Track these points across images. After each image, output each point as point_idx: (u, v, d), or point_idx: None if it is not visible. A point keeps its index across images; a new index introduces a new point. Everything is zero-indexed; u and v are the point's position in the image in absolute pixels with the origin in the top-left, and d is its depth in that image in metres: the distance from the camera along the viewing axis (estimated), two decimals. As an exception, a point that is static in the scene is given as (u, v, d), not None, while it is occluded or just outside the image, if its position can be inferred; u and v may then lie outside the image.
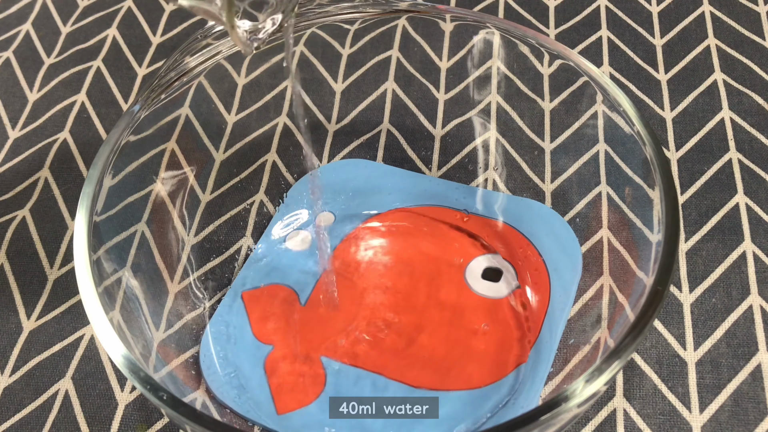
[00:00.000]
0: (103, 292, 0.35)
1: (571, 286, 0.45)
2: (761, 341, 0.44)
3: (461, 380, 0.43)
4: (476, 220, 0.50)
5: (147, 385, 0.32)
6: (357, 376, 0.43)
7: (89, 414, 0.43)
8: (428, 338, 0.44)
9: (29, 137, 0.57)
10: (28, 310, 0.48)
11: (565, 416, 0.31)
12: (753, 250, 0.47)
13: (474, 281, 0.47)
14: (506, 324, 0.45)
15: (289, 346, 0.44)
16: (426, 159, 0.53)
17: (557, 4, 0.62)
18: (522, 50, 0.47)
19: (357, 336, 0.44)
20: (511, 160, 0.50)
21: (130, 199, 0.42)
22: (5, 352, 0.46)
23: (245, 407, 0.42)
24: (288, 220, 0.51)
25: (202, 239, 0.48)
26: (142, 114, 0.41)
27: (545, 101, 0.51)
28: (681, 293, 0.46)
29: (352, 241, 0.49)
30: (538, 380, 0.42)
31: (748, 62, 0.57)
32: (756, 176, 0.50)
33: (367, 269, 0.47)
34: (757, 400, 0.42)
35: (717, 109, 0.54)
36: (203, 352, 0.44)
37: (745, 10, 0.60)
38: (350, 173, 0.52)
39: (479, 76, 0.52)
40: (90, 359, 0.46)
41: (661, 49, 0.58)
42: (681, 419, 0.41)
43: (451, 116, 0.54)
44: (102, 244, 0.38)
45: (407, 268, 0.47)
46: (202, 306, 0.46)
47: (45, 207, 0.53)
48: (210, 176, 0.50)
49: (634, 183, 0.41)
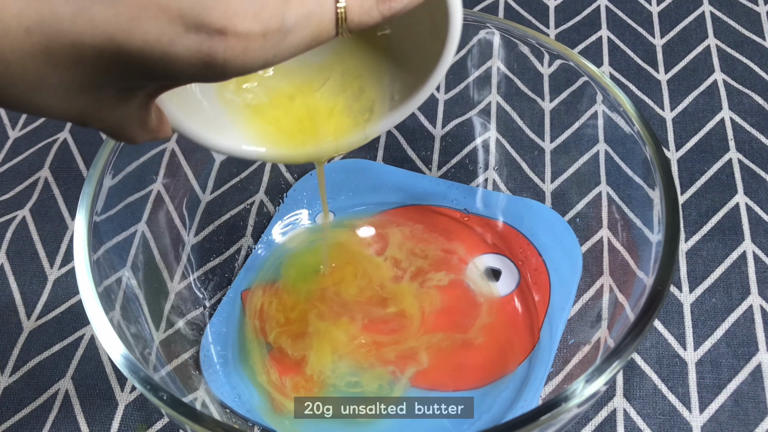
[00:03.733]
0: (103, 292, 0.35)
1: (571, 286, 0.45)
2: (761, 341, 0.44)
3: (461, 380, 0.43)
4: (476, 219, 0.50)
5: (147, 385, 0.32)
6: (357, 376, 0.43)
7: (89, 414, 0.43)
8: (428, 338, 0.44)
9: (29, 137, 0.57)
10: (28, 310, 0.48)
11: (565, 416, 0.31)
12: (753, 250, 0.47)
13: (474, 281, 0.47)
14: (506, 324, 0.45)
15: (289, 345, 0.44)
16: (426, 159, 0.53)
17: (557, 4, 0.62)
18: (522, 50, 0.47)
19: (357, 336, 0.44)
20: (511, 160, 0.50)
21: (130, 199, 0.42)
22: (5, 352, 0.46)
23: (245, 407, 0.42)
24: (288, 220, 0.51)
25: (202, 239, 0.48)
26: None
27: (545, 101, 0.51)
28: (681, 293, 0.46)
29: (352, 241, 0.49)
30: (538, 380, 0.42)
31: (748, 62, 0.57)
32: (756, 176, 0.50)
33: (367, 269, 0.47)
34: (757, 400, 0.42)
35: (717, 109, 0.54)
36: (203, 352, 0.44)
37: (745, 10, 0.60)
38: (350, 173, 0.52)
39: (479, 76, 0.52)
40: (90, 359, 0.46)
41: (661, 49, 0.58)
42: (681, 419, 0.41)
43: (451, 116, 0.54)
44: (102, 244, 0.38)
45: (407, 268, 0.47)
46: (202, 306, 0.46)
47: (45, 207, 0.53)
48: (210, 176, 0.49)
49: (634, 183, 0.40)
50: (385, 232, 0.49)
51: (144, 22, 0.22)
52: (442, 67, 0.32)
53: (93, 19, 0.22)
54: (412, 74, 0.33)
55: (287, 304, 0.46)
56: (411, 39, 0.33)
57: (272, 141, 0.35)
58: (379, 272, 0.47)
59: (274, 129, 0.35)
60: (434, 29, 0.31)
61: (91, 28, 0.22)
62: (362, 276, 0.47)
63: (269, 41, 0.24)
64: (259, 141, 0.34)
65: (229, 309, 0.46)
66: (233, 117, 0.34)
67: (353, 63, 0.35)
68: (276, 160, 0.35)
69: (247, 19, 0.23)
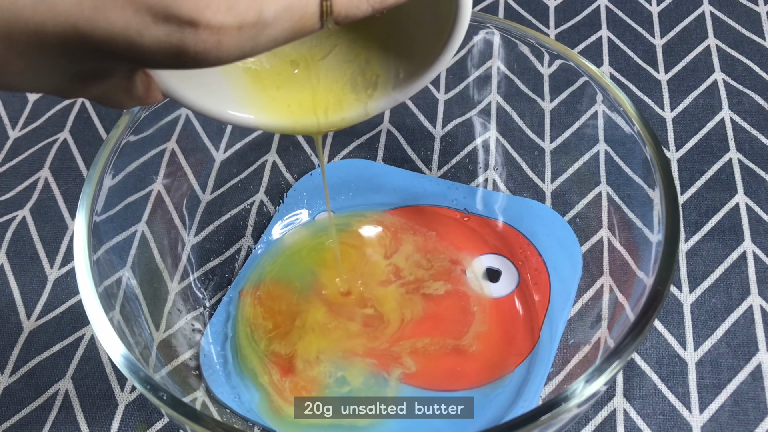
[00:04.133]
0: (103, 292, 0.35)
1: (571, 286, 0.45)
2: (761, 341, 0.44)
3: (461, 380, 0.43)
4: (476, 219, 0.50)
5: (147, 385, 0.32)
6: (360, 377, 0.43)
7: (89, 414, 0.43)
8: (428, 338, 0.44)
9: (29, 137, 0.57)
10: (28, 310, 0.48)
11: (565, 416, 0.31)
12: (753, 250, 0.47)
13: (474, 281, 0.47)
14: (506, 324, 0.45)
15: (289, 345, 0.44)
16: (426, 159, 0.53)
17: (557, 4, 0.62)
18: (522, 50, 0.47)
19: (357, 336, 0.44)
20: (511, 160, 0.50)
21: (130, 199, 0.42)
22: (5, 352, 0.46)
23: (245, 407, 0.42)
24: (288, 220, 0.51)
25: (202, 239, 0.48)
26: (142, 114, 0.41)
27: (545, 101, 0.51)
28: (681, 293, 0.46)
29: (352, 241, 0.49)
30: (538, 380, 0.42)
31: (748, 62, 0.57)
32: (756, 176, 0.50)
33: (367, 269, 0.47)
34: (757, 400, 0.42)
35: (717, 109, 0.54)
36: (203, 352, 0.44)
37: (745, 10, 0.60)
38: (350, 173, 0.52)
39: (479, 76, 0.52)
40: (90, 359, 0.46)
41: (661, 49, 0.58)
42: (681, 419, 0.41)
43: (451, 116, 0.54)
44: (102, 244, 0.38)
45: (407, 268, 0.47)
46: (202, 306, 0.46)
47: (45, 207, 0.53)
48: (210, 176, 0.49)
49: (634, 183, 0.40)
50: (399, 238, 0.49)
51: (109, 11, 0.21)
52: (451, 48, 0.30)
53: (55, 8, 0.21)
54: (420, 53, 0.32)
55: (274, 308, 0.46)
56: (420, 18, 0.32)
57: (267, 108, 0.33)
58: (372, 274, 0.47)
59: (271, 96, 0.33)
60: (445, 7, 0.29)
61: (54, 16, 0.21)
62: (352, 274, 0.47)
63: (245, 34, 0.23)
64: (253, 107, 0.33)
65: (229, 309, 0.46)
66: (230, 81, 0.33)
67: (362, 33, 0.33)
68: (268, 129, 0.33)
69: (219, 11, 0.22)
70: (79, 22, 0.21)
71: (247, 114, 0.33)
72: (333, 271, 0.47)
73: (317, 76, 0.34)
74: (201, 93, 0.31)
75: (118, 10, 0.21)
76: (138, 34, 0.22)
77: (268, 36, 0.23)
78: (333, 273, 0.47)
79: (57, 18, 0.21)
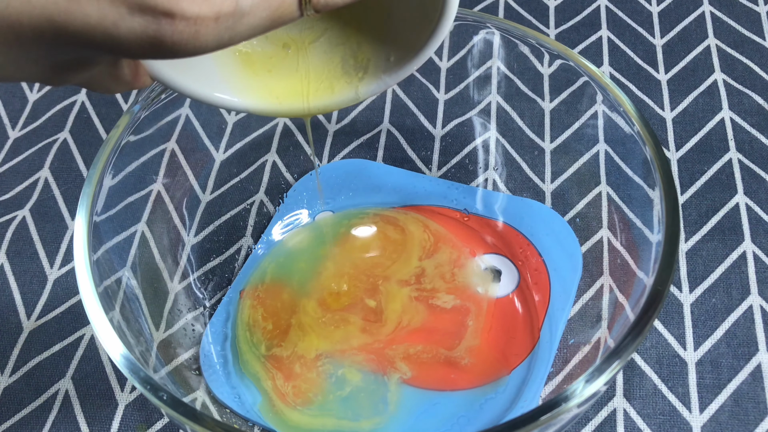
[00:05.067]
0: (103, 292, 0.35)
1: (571, 286, 0.45)
2: (761, 341, 0.44)
3: (461, 380, 0.43)
4: (476, 219, 0.50)
5: (147, 385, 0.32)
6: (358, 375, 0.43)
7: (89, 414, 0.43)
8: (428, 338, 0.44)
9: (29, 137, 0.57)
10: (28, 310, 0.48)
11: (565, 416, 0.31)
12: (753, 250, 0.47)
13: (475, 281, 0.46)
14: (506, 324, 0.45)
15: (289, 347, 0.44)
16: (426, 159, 0.53)
17: (557, 4, 0.62)
18: (522, 50, 0.47)
19: (355, 330, 0.44)
20: (511, 160, 0.50)
21: (130, 199, 0.42)
22: (5, 352, 0.46)
23: (245, 407, 0.42)
24: (288, 220, 0.51)
25: (202, 239, 0.48)
26: (142, 114, 0.41)
27: (545, 101, 0.51)
28: (681, 293, 0.46)
29: (352, 241, 0.49)
30: (538, 380, 0.42)
31: (748, 62, 0.57)
32: (756, 176, 0.50)
33: (367, 269, 0.47)
34: (757, 400, 0.42)
35: (717, 109, 0.54)
36: (203, 352, 0.44)
37: (745, 10, 0.60)
38: (350, 173, 0.52)
39: (479, 76, 0.52)
40: (90, 359, 0.46)
41: (661, 49, 0.58)
42: (681, 419, 0.41)
43: (451, 116, 0.54)
44: (102, 244, 0.38)
45: (430, 276, 0.47)
46: (202, 306, 0.46)
47: (45, 207, 0.53)
48: (210, 176, 0.49)
49: (634, 183, 0.41)
50: (385, 232, 0.49)
51: (84, 3, 0.21)
52: (439, 35, 0.30)
53: (29, 1, 0.21)
54: (410, 38, 0.32)
55: (274, 308, 0.46)
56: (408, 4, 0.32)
57: (256, 91, 0.33)
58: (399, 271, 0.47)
59: (261, 78, 0.33)
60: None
61: (29, 10, 0.21)
62: (367, 266, 0.47)
63: (222, 24, 0.23)
64: (242, 90, 0.33)
65: (229, 309, 0.46)
66: (220, 64, 0.33)
67: (354, 17, 0.34)
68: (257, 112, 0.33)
69: (195, 2, 0.22)
70: (54, 15, 0.21)
71: (236, 97, 0.33)
72: (333, 271, 0.47)
73: (309, 59, 0.34)
74: (190, 76, 0.31)
75: (93, 2, 0.21)
76: (114, 26, 0.22)
77: (246, 25, 0.23)
78: (333, 273, 0.47)
79: (32, 11, 0.21)
